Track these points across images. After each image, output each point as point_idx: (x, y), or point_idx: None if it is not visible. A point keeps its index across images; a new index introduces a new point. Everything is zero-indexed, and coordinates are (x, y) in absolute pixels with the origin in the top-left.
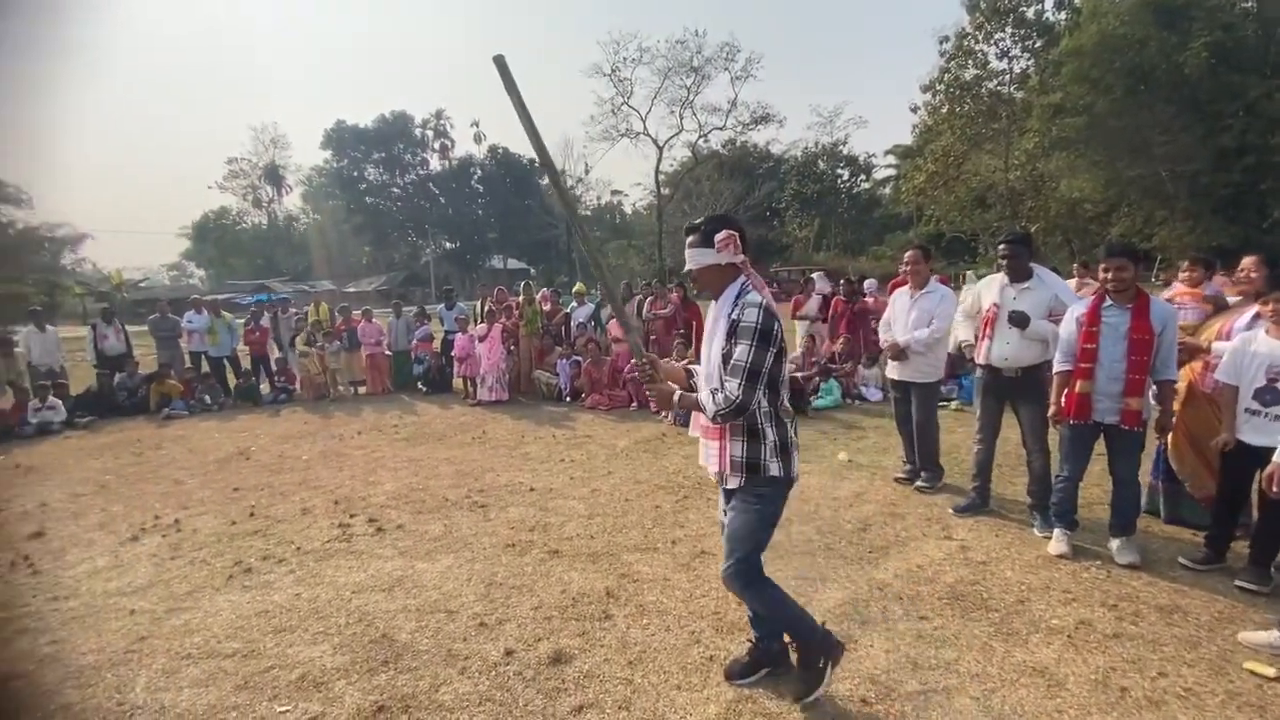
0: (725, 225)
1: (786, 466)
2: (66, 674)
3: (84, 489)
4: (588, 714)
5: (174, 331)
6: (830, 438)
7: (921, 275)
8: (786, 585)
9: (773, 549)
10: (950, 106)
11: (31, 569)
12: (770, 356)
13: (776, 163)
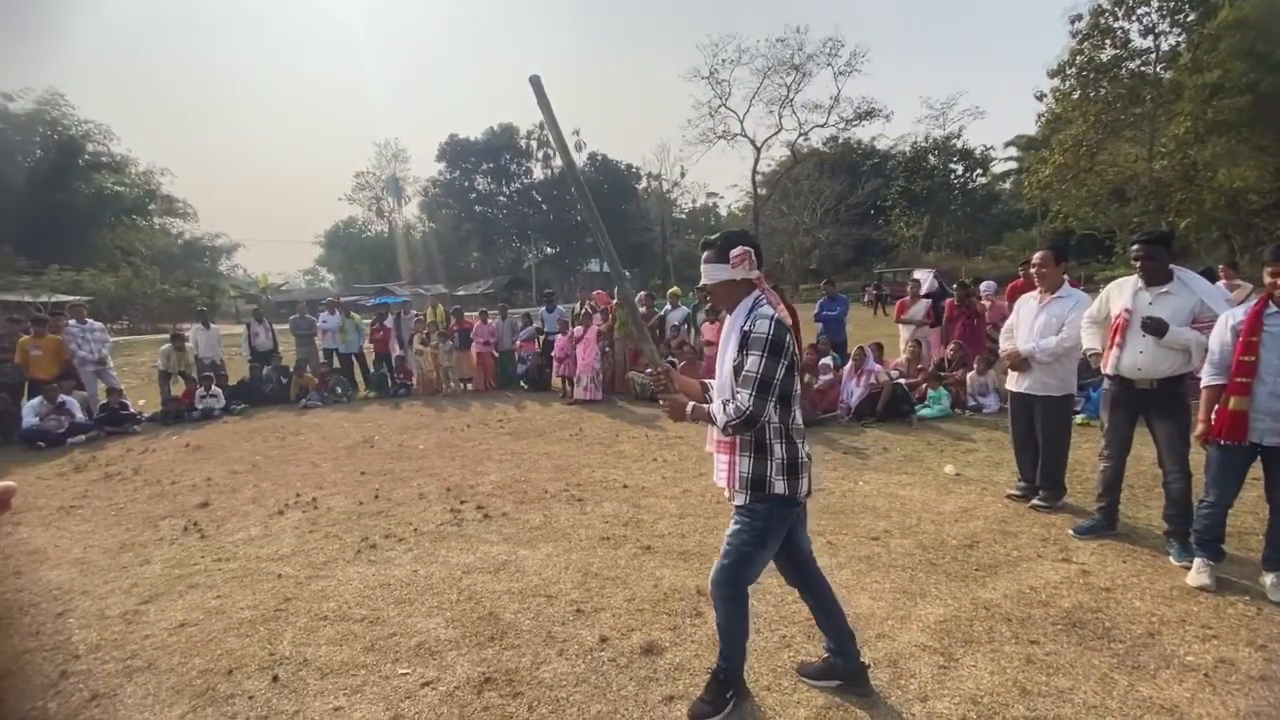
0: (740, 241)
1: (793, 486)
2: (229, 626)
3: (239, 467)
4: (678, 705)
5: (310, 330)
6: (936, 449)
7: (1051, 278)
8: (883, 600)
9: (866, 561)
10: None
11: (200, 534)
12: (781, 368)
13: (882, 159)
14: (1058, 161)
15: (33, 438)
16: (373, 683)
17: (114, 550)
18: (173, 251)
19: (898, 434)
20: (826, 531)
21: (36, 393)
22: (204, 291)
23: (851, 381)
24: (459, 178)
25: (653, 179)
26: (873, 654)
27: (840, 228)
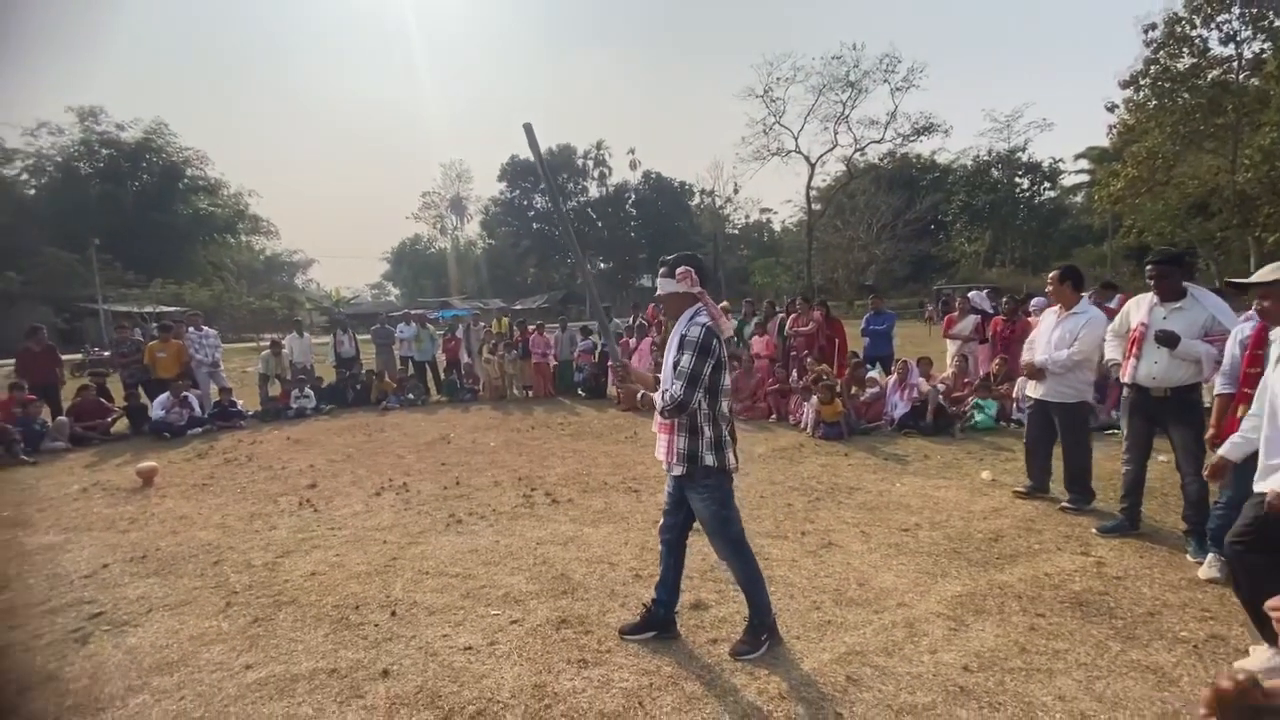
0: (686, 263)
1: (720, 459)
2: (349, 575)
3: (336, 457)
4: (720, 645)
5: (389, 339)
6: (976, 457)
7: (1064, 296)
8: (906, 577)
9: (895, 548)
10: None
11: (313, 509)
12: (708, 366)
13: (942, 173)
14: (1130, 174)
15: (159, 429)
16: (471, 619)
17: (246, 518)
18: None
19: (939, 444)
20: (861, 524)
21: (158, 390)
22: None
23: (895, 394)
24: (518, 196)
25: (706, 195)
26: (890, 619)
27: (897, 243)
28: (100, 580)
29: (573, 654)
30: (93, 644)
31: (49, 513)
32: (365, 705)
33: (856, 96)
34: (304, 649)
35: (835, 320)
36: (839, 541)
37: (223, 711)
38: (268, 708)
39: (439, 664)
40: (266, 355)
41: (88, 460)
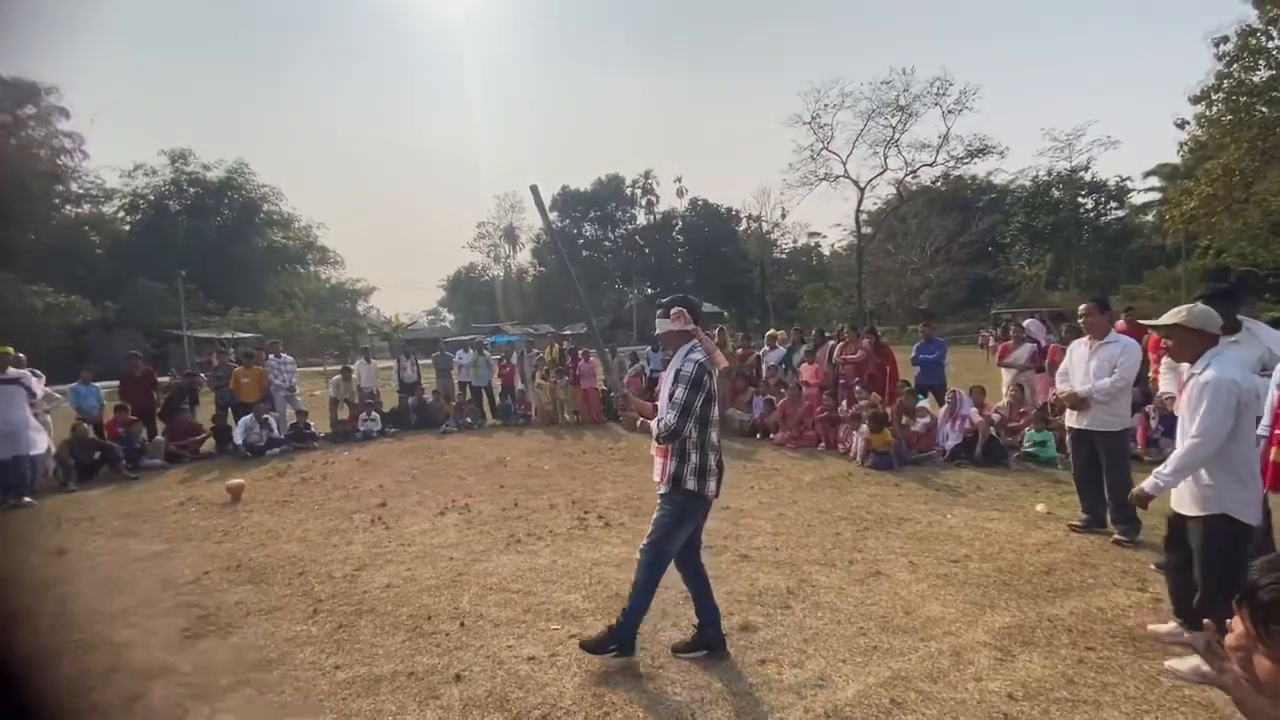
0: (678, 305)
1: (701, 485)
2: (421, 589)
3: (402, 478)
4: (768, 666)
5: (448, 365)
6: (1030, 489)
7: (1098, 326)
8: (953, 607)
9: (943, 578)
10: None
11: (385, 526)
12: (699, 398)
13: (999, 194)
14: (1205, 192)
15: (242, 449)
16: (533, 632)
17: (324, 533)
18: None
19: (993, 475)
20: (910, 554)
21: (242, 413)
22: (347, 330)
23: (947, 424)
24: (568, 225)
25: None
26: (937, 647)
27: (952, 267)
28: (203, 586)
29: (630, 667)
30: (202, 642)
31: (152, 524)
32: (441, 705)
33: (906, 120)
34: (384, 653)
35: (885, 348)
36: (887, 570)
37: (319, 705)
38: (356, 704)
39: (506, 672)
40: (337, 380)
41: (181, 476)
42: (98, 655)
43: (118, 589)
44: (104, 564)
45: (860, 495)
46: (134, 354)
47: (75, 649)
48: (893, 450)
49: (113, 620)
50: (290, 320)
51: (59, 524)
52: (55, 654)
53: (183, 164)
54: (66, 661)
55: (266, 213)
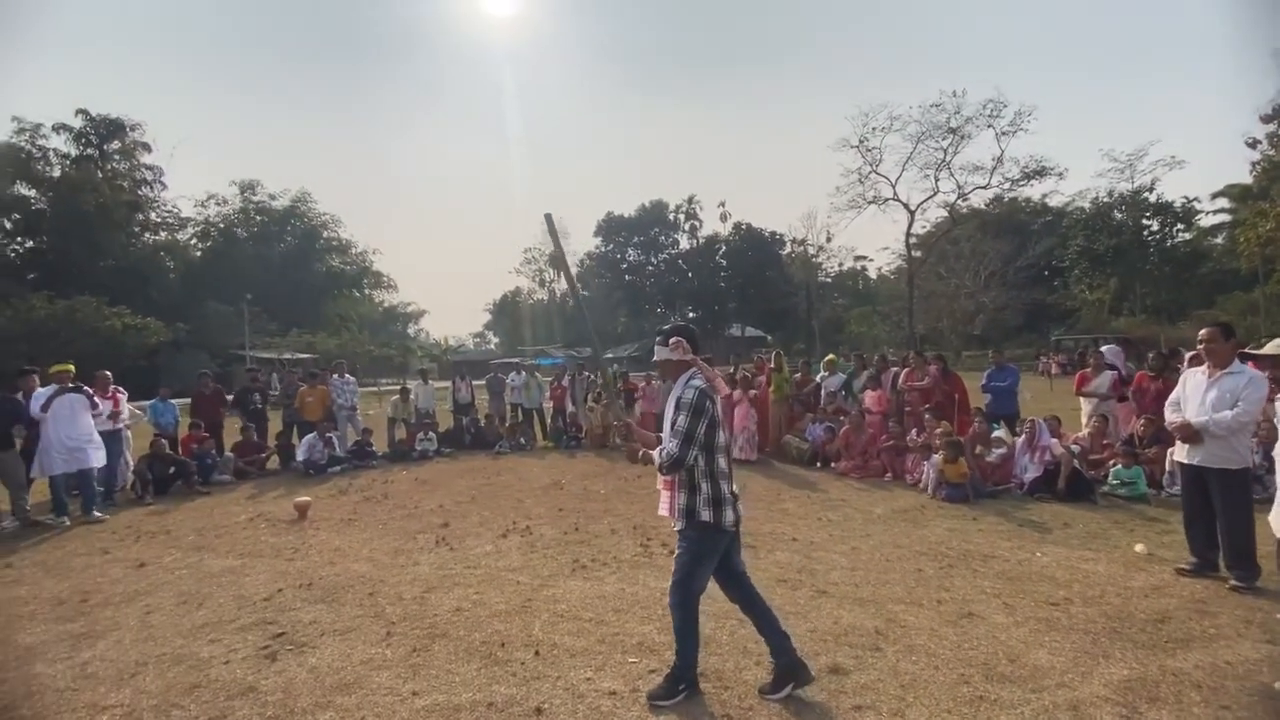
0: (676, 334)
1: (717, 516)
2: (491, 613)
3: (461, 498)
4: (865, 713)
5: (501, 387)
6: (1125, 528)
7: (1221, 354)
8: (1062, 656)
9: (1045, 623)
10: None
11: (449, 547)
12: (702, 425)
13: (1056, 216)
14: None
15: (305, 467)
16: (610, 664)
17: (391, 553)
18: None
19: (1079, 511)
20: (1002, 594)
21: (304, 431)
22: (399, 352)
23: (1025, 455)
24: (612, 250)
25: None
26: (1051, 699)
27: (1008, 291)
28: (277, 604)
29: (715, 708)
30: (280, 661)
31: (225, 539)
32: None
33: (958, 143)
34: (460, 681)
35: (954, 375)
36: (980, 612)
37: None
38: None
39: (587, 706)
40: (395, 401)
41: (249, 492)
42: (181, 671)
43: (196, 604)
44: (182, 578)
45: (937, 529)
46: (204, 373)
47: (159, 663)
48: (968, 482)
49: (194, 635)
50: (346, 342)
51: (137, 537)
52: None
53: (251, 194)
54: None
55: (326, 239)
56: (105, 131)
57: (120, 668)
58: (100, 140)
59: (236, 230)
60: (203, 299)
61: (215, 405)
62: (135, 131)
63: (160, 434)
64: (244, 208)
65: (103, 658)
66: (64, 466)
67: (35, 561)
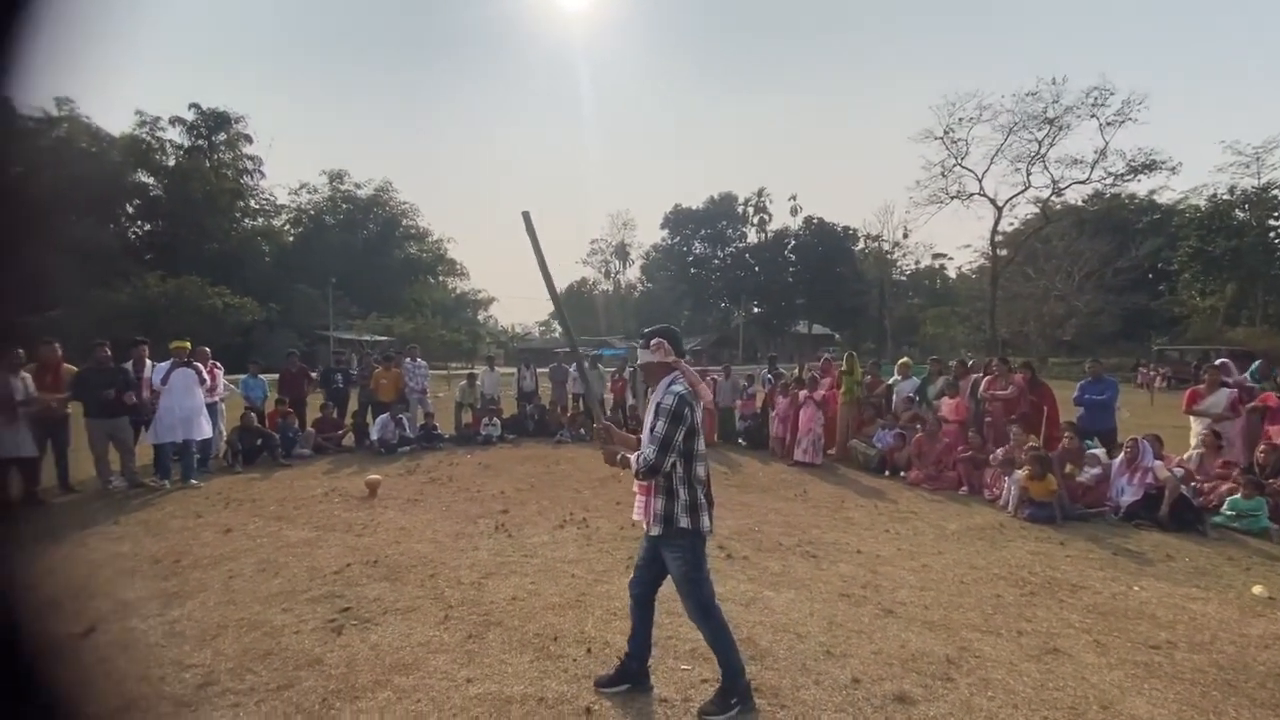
0: (659, 335)
1: (695, 521)
2: (545, 605)
3: (522, 485)
4: None
5: (564, 377)
6: (1240, 565)
7: None
8: (1164, 707)
9: (1144, 668)
10: None
11: (507, 534)
12: (680, 432)
13: (1165, 215)
14: None
15: (378, 445)
16: (662, 670)
17: (452, 536)
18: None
19: (1185, 542)
20: (1093, 631)
21: (378, 411)
22: (469, 338)
23: (1123, 478)
24: (679, 243)
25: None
26: None
27: (1104, 294)
28: (345, 578)
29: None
30: (345, 636)
31: (303, 511)
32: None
33: (1055, 134)
34: (513, 672)
35: (1043, 385)
36: (1066, 649)
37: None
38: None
39: (636, 712)
40: (463, 385)
41: (325, 467)
42: (256, 637)
43: (273, 572)
44: (263, 545)
45: (1018, 551)
46: (292, 352)
47: (238, 627)
48: (1056, 501)
49: (269, 602)
50: (421, 326)
51: (226, 503)
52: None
53: (339, 183)
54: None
55: (405, 227)
56: (213, 124)
57: (204, 629)
58: (209, 132)
59: (325, 217)
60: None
61: (300, 383)
62: (239, 124)
63: (250, 407)
64: (332, 196)
65: (189, 618)
66: (176, 435)
67: (139, 520)
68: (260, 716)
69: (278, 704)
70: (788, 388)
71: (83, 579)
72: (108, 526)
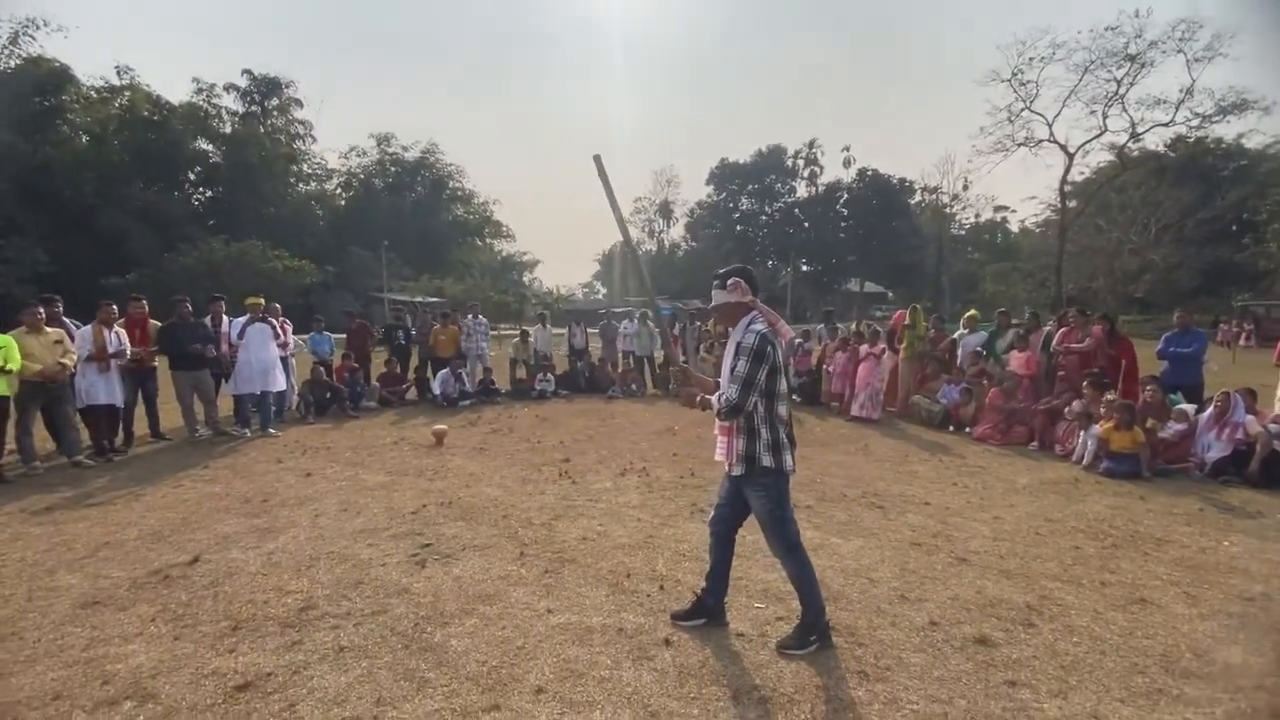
0: (736, 274)
1: (778, 460)
2: (615, 545)
3: (579, 437)
4: (1021, 690)
5: (614, 334)
6: None
7: None
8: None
9: (1240, 618)
10: None
11: (571, 481)
12: (763, 371)
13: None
14: None
15: (440, 399)
16: (736, 606)
17: (519, 481)
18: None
19: (1276, 499)
20: (1181, 583)
21: (438, 367)
22: (516, 299)
23: (1210, 433)
24: (724, 199)
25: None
26: (1250, 703)
27: (1183, 248)
28: (422, 518)
29: (850, 664)
30: (429, 569)
31: (376, 458)
32: (655, 668)
33: (1137, 72)
34: (591, 604)
35: (1122, 338)
36: (1154, 599)
37: (538, 646)
38: (572, 651)
39: (715, 645)
40: (517, 342)
41: (391, 419)
42: (347, 568)
43: (355, 512)
44: (342, 488)
45: (1096, 506)
46: (349, 311)
47: (329, 559)
48: (1141, 454)
49: (354, 539)
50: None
51: (304, 450)
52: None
53: (386, 146)
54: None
55: (452, 189)
56: (265, 89)
57: (298, 560)
58: (262, 97)
59: (374, 180)
60: (346, 244)
61: (364, 339)
62: (289, 89)
63: (319, 362)
64: (380, 159)
65: (283, 550)
66: (254, 386)
67: (225, 465)
68: (359, 637)
69: (374, 627)
70: (846, 343)
71: (182, 516)
72: (199, 470)
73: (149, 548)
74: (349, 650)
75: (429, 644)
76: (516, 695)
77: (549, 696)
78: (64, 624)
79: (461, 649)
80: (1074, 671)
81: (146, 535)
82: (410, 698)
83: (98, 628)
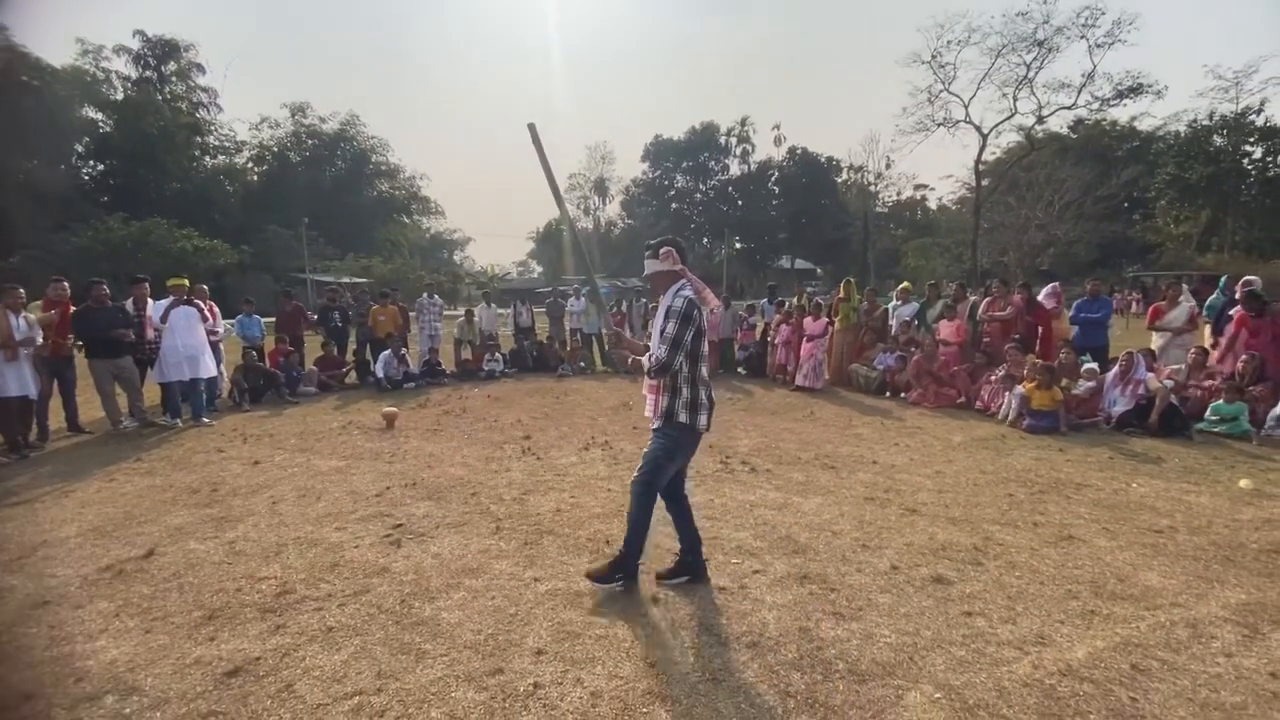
0: (667, 245)
1: (693, 418)
2: (590, 515)
3: (535, 415)
4: (976, 619)
5: (560, 312)
6: (1224, 464)
7: None
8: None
9: (1150, 548)
10: None
11: (535, 457)
12: (689, 332)
13: (1144, 142)
14: None
15: (382, 381)
16: (714, 564)
17: (483, 460)
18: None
19: (1174, 446)
20: (1101, 520)
21: (378, 349)
22: (448, 278)
23: (1115, 389)
24: (659, 176)
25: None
26: (1166, 618)
27: (1083, 223)
28: (388, 500)
29: (825, 607)
30: (405, 548)
31: (325, 443)
32: (649, 624)
33: (1044, 57)
34: (575, 571)
35: (1040, 306)
36: (1080, 536)
37: (530, 611)
38: (566, 614)
39: (699, 599)
40: (461, 323)
41: (334, 404)
42: (319, 552)
43: (315, 497)
44: (296, 474)
45: (1022, 458)
46: (286, 291)
47: (297, 544)
48: (1059, 411)
49: (320, 523)
50: (399, 267)
51: (245, 439)
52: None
53: (301, 116)
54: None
55: (375, 164)
56: (161, 53)
57: (264, 547)
58: (157, 62)
59: (289, 154)
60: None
61: (298, 321)
62: (189, 52)
63: (250, 346)
64: (295, 131)
65: (245, 538)
66: (182, 373)
67: (160, 457)
68: (346, 616)
69: (359, 606)
70: (791, 315)
71: (124, 510)
72: (132, 463)
73: (94, 544)
74: (338, 630)
75: (420, 618)
76: (518, 658)
77: (550, 656)
78: (13, 626)
79: (454, 620)
80: (1020, 600)
81: (88, 531)
82: (410, 669)
83: (55, 626)
